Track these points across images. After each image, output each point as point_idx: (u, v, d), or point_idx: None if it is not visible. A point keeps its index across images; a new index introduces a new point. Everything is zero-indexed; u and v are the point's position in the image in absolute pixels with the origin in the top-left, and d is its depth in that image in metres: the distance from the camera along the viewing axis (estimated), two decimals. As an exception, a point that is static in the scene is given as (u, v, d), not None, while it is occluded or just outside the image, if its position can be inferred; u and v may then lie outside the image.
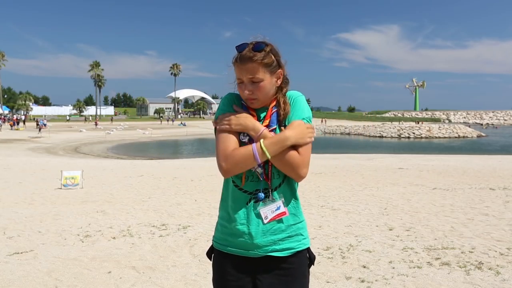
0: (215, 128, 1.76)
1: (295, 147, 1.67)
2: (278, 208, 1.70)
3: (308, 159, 1.69)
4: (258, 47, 1.70)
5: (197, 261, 4.43)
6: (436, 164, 15.81)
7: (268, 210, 1.69)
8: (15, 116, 66.74)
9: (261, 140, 1.66)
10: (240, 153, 1.66)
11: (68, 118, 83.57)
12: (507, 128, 75.62)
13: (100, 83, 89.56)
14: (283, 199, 1.71)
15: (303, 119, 1.73)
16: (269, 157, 1.64)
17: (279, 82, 1.77)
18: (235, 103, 1.78)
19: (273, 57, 1.73)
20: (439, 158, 20.71)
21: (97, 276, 4.02)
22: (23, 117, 65.40)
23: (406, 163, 15.91)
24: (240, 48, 1.73)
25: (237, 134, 1.72)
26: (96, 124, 60.94)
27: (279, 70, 1.76)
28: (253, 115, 1.76)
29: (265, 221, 1.69)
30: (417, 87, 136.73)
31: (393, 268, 4.14)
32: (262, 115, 1.78)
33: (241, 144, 1.70)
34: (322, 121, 71.79)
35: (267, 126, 1.73)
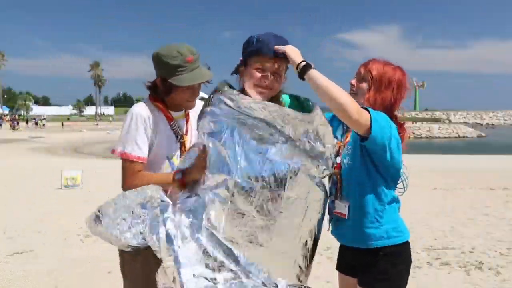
0: None
1: None
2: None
3: None
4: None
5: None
6: (436, 164, 15.81)
7: None
8: (15, 115, 66.79)
9: None
10: None
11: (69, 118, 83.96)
12: (507, 128, 75.57)
13: (100, 83, 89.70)
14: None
15: None
16: None
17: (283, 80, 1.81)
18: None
19: None
20: (439, 158, 20.70)
21: (97, 276, 4.02)
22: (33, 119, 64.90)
23: (406, 163, 15.87)
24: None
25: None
26: (97, 124, 61.08)
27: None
28: None
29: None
30: (417, 87, 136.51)
31: (393, 268, 4.13)
32: None
33: None
34: None
35: None
